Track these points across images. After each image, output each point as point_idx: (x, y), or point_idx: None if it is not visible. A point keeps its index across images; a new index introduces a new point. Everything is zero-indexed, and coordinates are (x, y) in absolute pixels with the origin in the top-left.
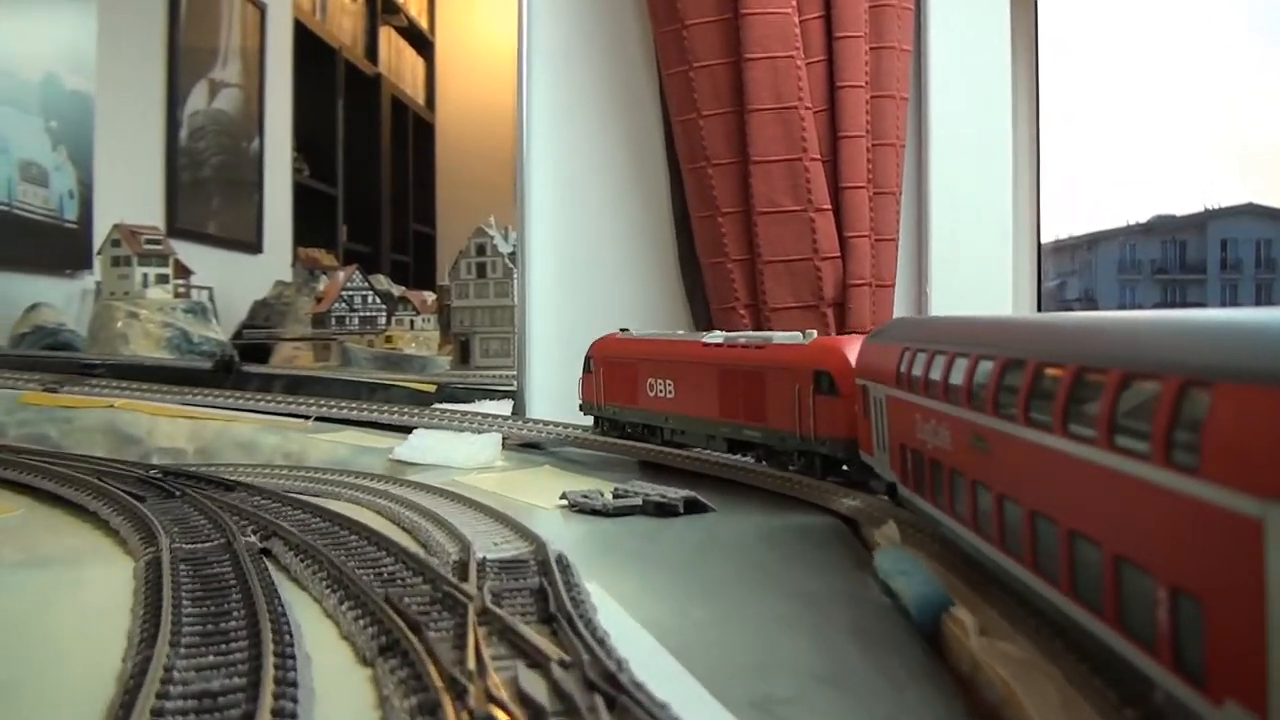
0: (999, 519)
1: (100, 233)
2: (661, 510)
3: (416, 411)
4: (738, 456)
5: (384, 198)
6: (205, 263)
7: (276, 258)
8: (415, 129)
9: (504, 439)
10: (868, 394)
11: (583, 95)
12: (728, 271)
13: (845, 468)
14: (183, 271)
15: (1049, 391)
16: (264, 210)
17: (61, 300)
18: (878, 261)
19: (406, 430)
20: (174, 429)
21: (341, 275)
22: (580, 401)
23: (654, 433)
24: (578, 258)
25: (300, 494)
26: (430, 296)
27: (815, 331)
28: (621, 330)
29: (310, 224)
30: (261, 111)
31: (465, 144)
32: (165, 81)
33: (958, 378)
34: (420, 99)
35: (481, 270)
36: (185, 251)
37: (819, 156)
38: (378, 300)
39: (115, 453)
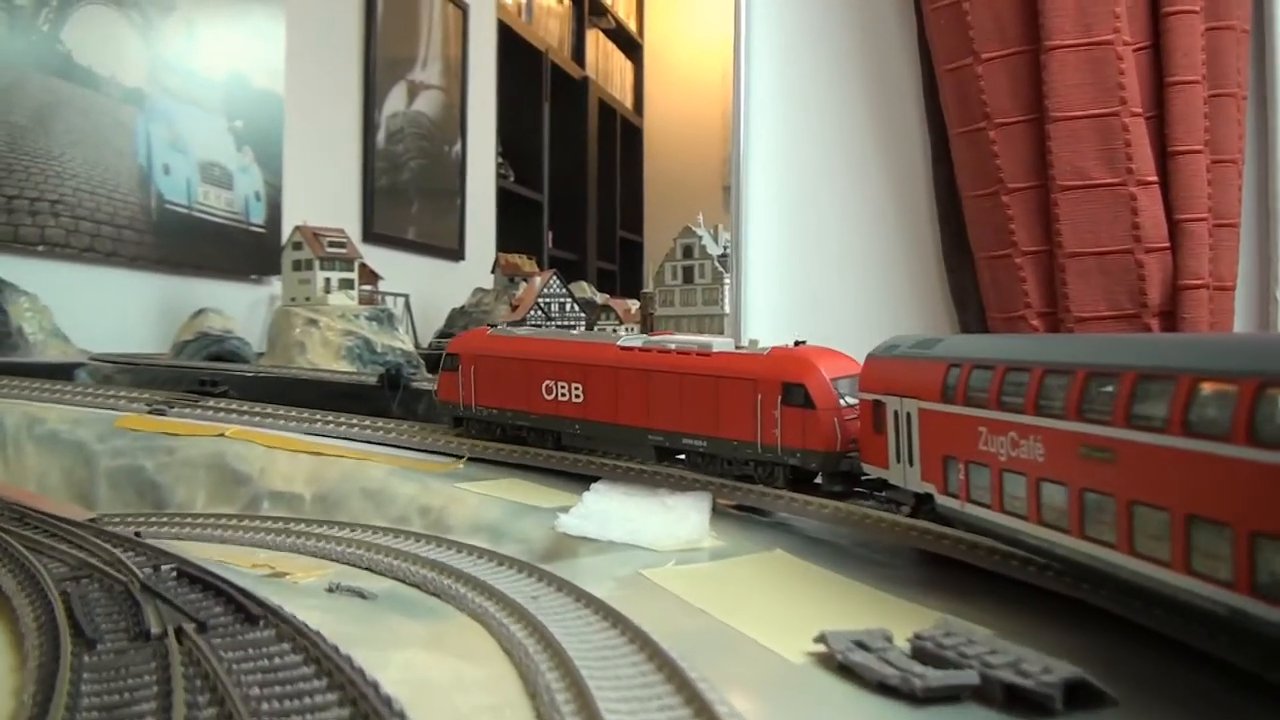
0: (1127, 525)
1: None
2: (1018, 698)
3: (596, 461)
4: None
5: (590, 204)
6: (404, 269)
7: (479, 264)
8: (623, 133)
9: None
10: (882, 409)
11: (812, 54)
12: (1014, 268)
13: (818, 480)
14: (370, 276)
15: (1220, 403)
16: (466, 216)
17: (247, 307)
18: (1217, 255)
19: (583, 480)
20: (292, 467)
21: (538, 281)
22: (438, 402)
23: (545, 437)
24: (804, 258)
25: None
26: (634, 305)
27: (758, 339)
28: (490, 326)
29: (514, 230)
30: (464, 115)
31: (674, 149)
32: (361, 82)
33: (1058, 393)
34: (628, 103)
35: (689, 275)
36: (383, 258)
37: (1140, 110)
38: (576, 308)
39: (220, 494)
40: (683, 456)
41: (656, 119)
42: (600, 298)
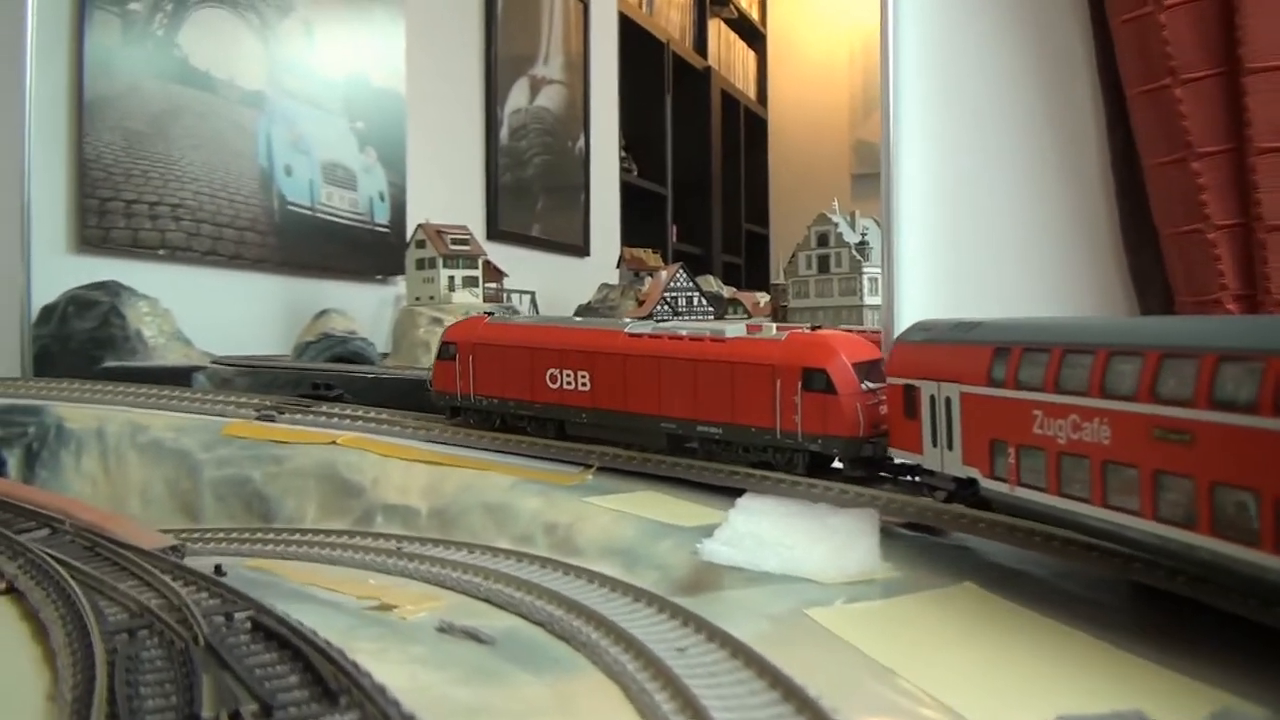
0: (1209, 507)
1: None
2: None
3: (742, 471)
4: None
5: (714, 196)
6: (528, 266)
7: (604, 260)
8: (746, 124)
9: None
10: (915, 393)
11: (965, 19)
12: (1207, 245)
13: (839, 465)
14: (495, 274)
15: None
16: (590, 211)
17: (373, 307)
18: None
19: (727, 493)
20: (407, 478)
21: (664, 275)
22: (433, 392)
23: (547, 426)
24: (964, 243)
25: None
26: (763, 298)
27: (773, 324)
28: (487, 315)
29: (638, 225)
30: (586, 109)
31: (799, 139)
32: (482, 78)
33: (1127, 376)
34: (751, 93)
35: (824, 264)
36: (507, 255)
37: None
38: (704, 302)
39: (331, 507)
40: (695, 444)
41: (781, 109)
42: (727, 291)
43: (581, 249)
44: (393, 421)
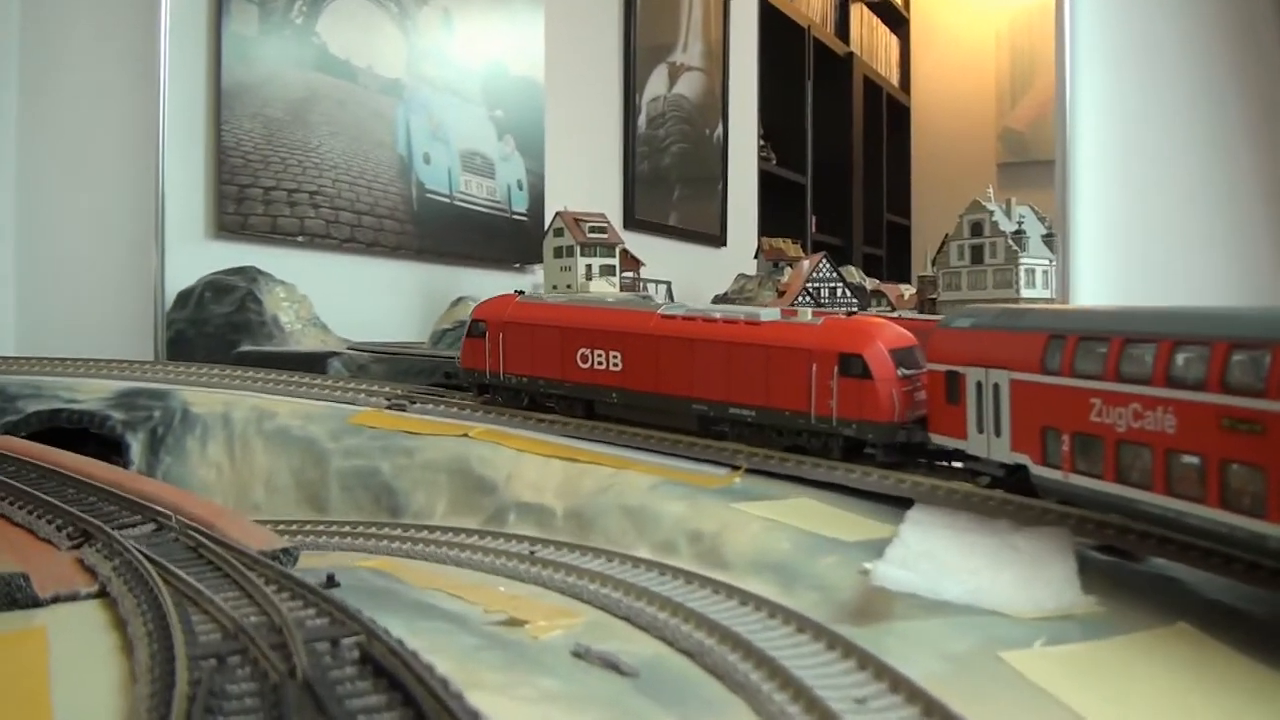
0: None
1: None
2: None
3: (906, 479)
4: None
5: (855, 186)
6: (665, 256)
7: (740, 250)
8: (889, 112)
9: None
10: (959, 379)
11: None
12: None
13: (870, 450)
14: (632, 263)
15: None
16: (728, 200)
17: None
18: None
19: (886, 501)
20: (542, 475)
21: (806, 265)
22: (461, 369)
23: (575, 405)
24: (1147, 233)
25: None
26: (908, 290)
27: (808, 310)
28: (517, 293)
29: (777, 214)
30: (725, 96)
31: (943, 127)
32: (621, 66)
33: (1194, 365)
34: (894, 79)
35: (977, 254)
36: (644, 244)
37: None
38: (848, 293)
39: (462, 503)
40: (726, 427)
41: (924, 95)
42: (870, 283)
43: (718, 239)
44: (528, 414)
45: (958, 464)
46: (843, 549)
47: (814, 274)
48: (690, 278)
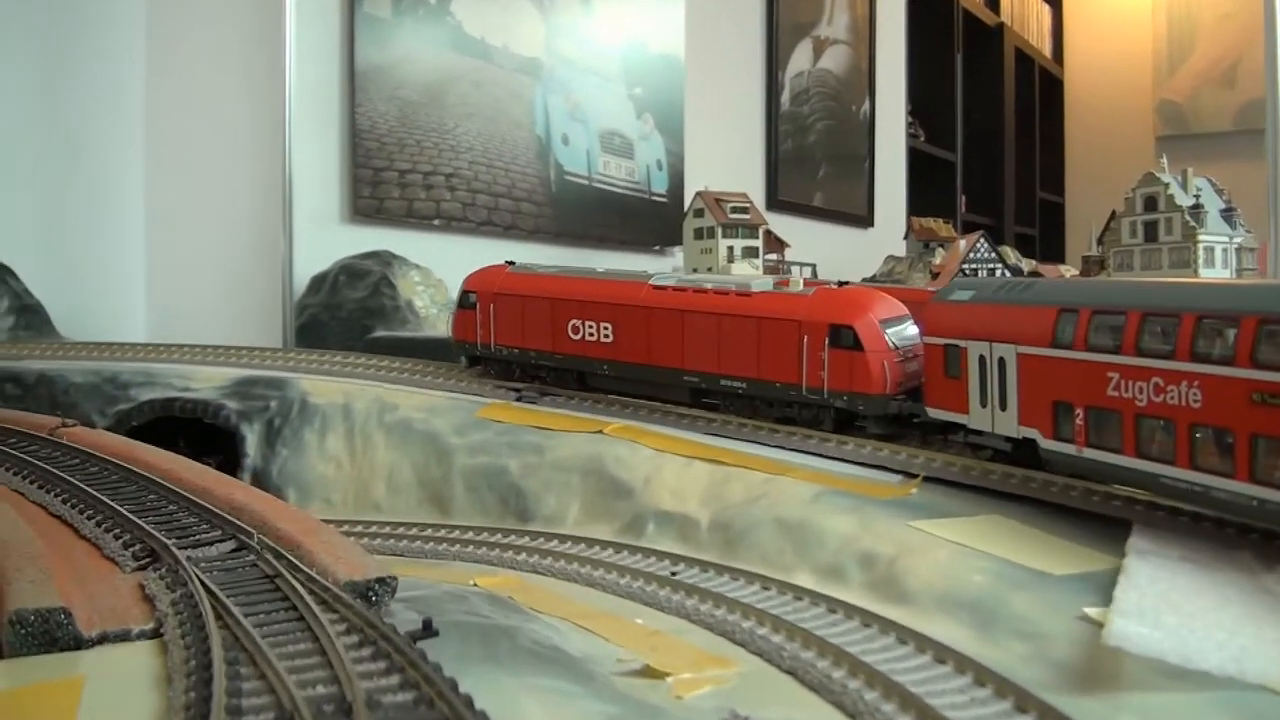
0: None
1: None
2: None
3: (1121, 494)
4: None
5: (1007, 163)
6: (809, 238)
7: (888, 231)
8: (1041, 85)
9: None
10: (959, 352)
11: None
12: None
13: (860, 422)
14: (776, 245)
15: None
16: (875, 179)
17: None
18: None
19: (1092, 520)
20: (685, 479)
21: (963, 245)
22: (454, 340)
23: (567, 377)
24: None
25: None
26: (1069, 271)
27: (800, 280)
28: (508, 264)
29: (925, 194)
30: (872, 71)
31: (1098, 100)
32: (764, 40)
33: (1223, 339)
34: (1046, 51)
35: (1151, 231)
36: (788, 226)
37: None
38: (1007, 275)
39: (596, 508)
40: (718, 400)
41: (1077, 67)
42: (1026, 264)
43: (865, 219)
44: (667, 409)
45: (954, 437)
46: (1051, 585)
47: (970, 254)
48: (836, 260)
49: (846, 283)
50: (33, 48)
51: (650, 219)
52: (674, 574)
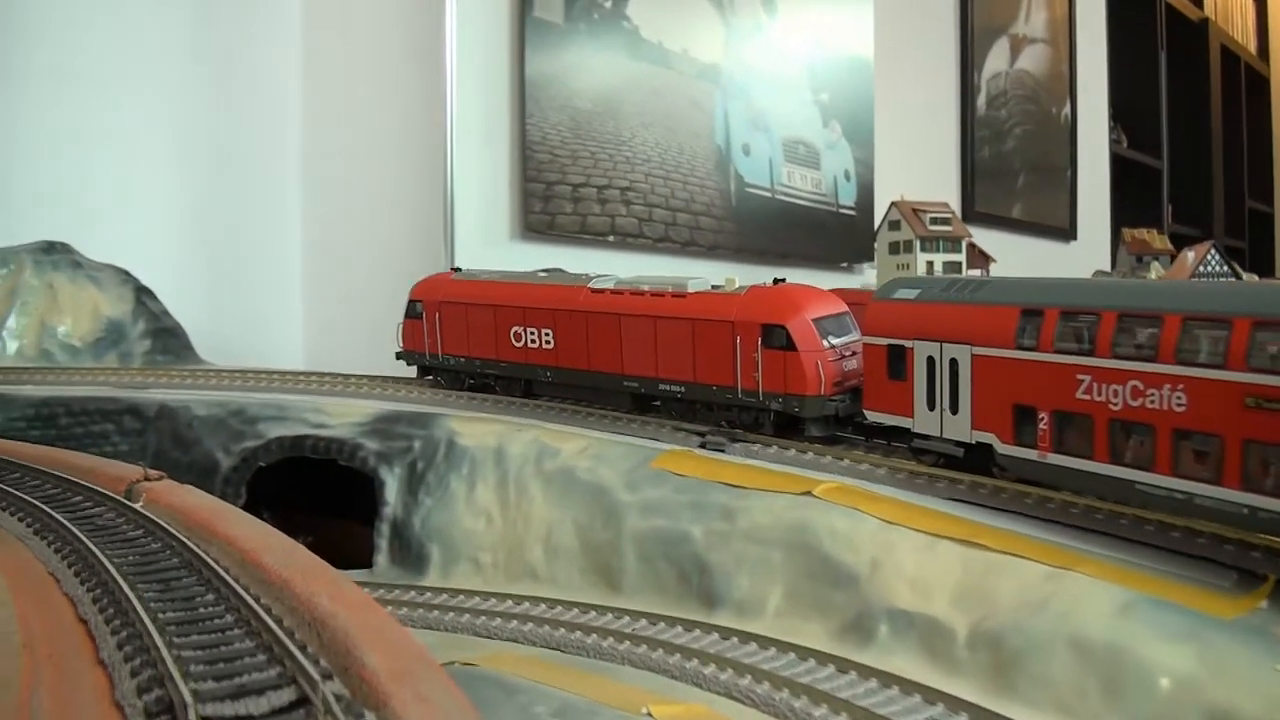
0: None
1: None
2: None
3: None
4: None
5: (1215, 169)
6: (1008, 252)
7: (1092, 244)
8: (1247, 83)
9: None
10: (904, 353)
11: None
12: None
13: (803, 425)
14: (980, 259)
15: None
16: (1077, 188)
17: None
18: None
19: None
20: (927, 563)
21: (1191, 257)
22: (400, 350)
23: (514, 385)
24: None
25: None
26: None
27: (735, 279)
28: (454, 270)
29: (1128, 203)
30: (1072, 71)
31: None
32: (957, 39)
33: (1213, 342)
34: (1251, 47)
35: None
36: (984, 240)
37: None
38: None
39: (804, 597)
40: (659, 404)
41: None
42: (1250, 279)
43: (1067, 232)
44: (896, 465)
45: (899, 443)
46: None
47: (1199, 268)
48: (1039, 276)
49: (781, 280)
50: (186, 61)
51: (837, 233)
52: None
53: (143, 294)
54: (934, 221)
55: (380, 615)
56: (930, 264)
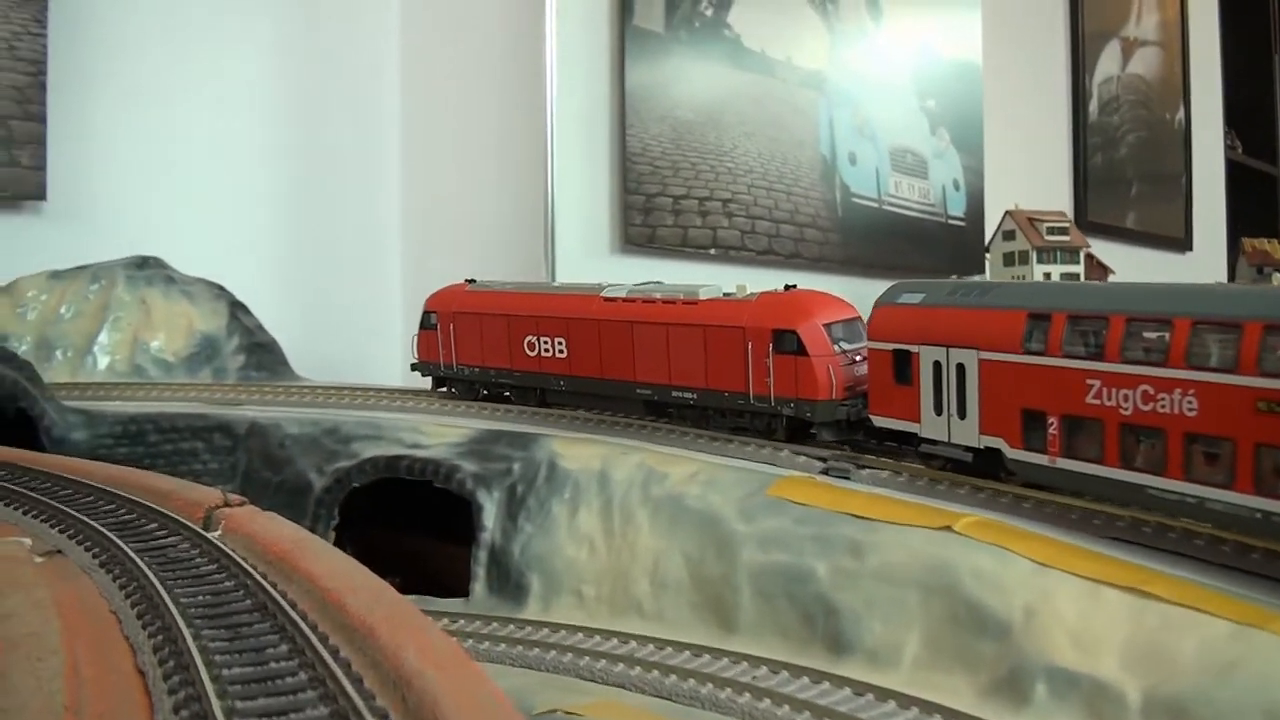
0: None
1: (992, 230)
2: None
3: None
4: None
5: None
6: (1121, 262)
7: (1207, 255)
8: None
9: None
10: (910, 358)
11: None
12: None
13: (812, 430)
14: (1098, 269)
15: None
16: (1192, 197)
17: None
18: None
19: None
20: (1092, 617)
21: None
22: (415, 361)
23: (528, 394)
24: None
25: None
26: None
27: (746, 285)
28: (468, 281)
29: (1239, 212)
30: (1186, 74)
31: None
32: (1067, 42)
33: (1222, 348)
34: None
35: None
36: (1095, 251)
37: None
38: None
39: (946, 648)
40: (672, 410)
41: None
42: None
43: (1181, 242)
44: (1043, 498)
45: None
46: None
47: None
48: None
49: (792, 286)
50: (283, 73)
51: (946, 244)
52: None
53: (237, 308)
54: (1051, 231)
55: (472, 674)
56: (1047, 275)
